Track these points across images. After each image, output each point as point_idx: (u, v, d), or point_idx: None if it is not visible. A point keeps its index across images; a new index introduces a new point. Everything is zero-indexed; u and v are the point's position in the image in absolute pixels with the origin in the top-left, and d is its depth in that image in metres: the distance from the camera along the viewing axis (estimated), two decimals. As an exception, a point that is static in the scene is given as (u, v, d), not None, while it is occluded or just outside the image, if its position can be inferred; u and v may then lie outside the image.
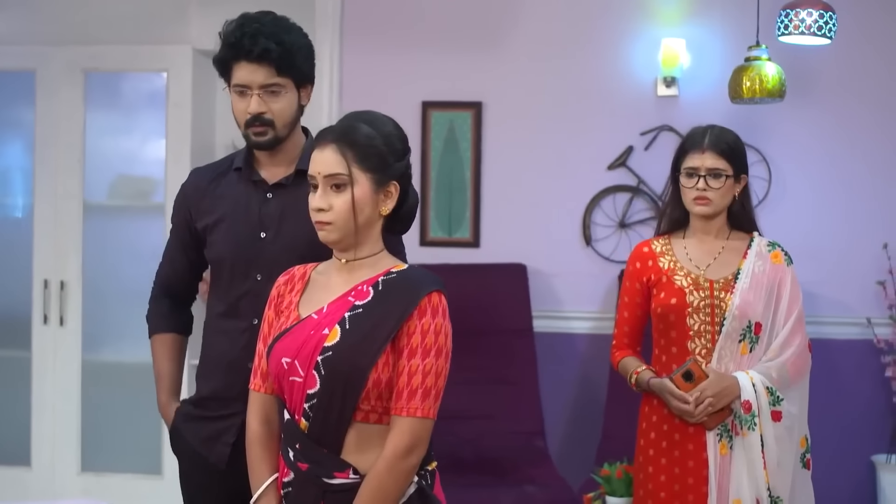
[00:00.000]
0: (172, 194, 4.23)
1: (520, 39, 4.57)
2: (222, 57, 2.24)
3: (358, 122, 1.97)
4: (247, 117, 2.24)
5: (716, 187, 2.66)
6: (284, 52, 2.22)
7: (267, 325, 2.05)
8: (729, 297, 2.62)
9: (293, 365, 1.93)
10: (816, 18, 3.40)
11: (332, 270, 2.04)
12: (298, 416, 1.95)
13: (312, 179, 1.97)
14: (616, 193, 4.53)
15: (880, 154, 4.36)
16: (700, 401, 2.56)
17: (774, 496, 2.56)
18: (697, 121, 4.38)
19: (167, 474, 4.34)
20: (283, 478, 1.99)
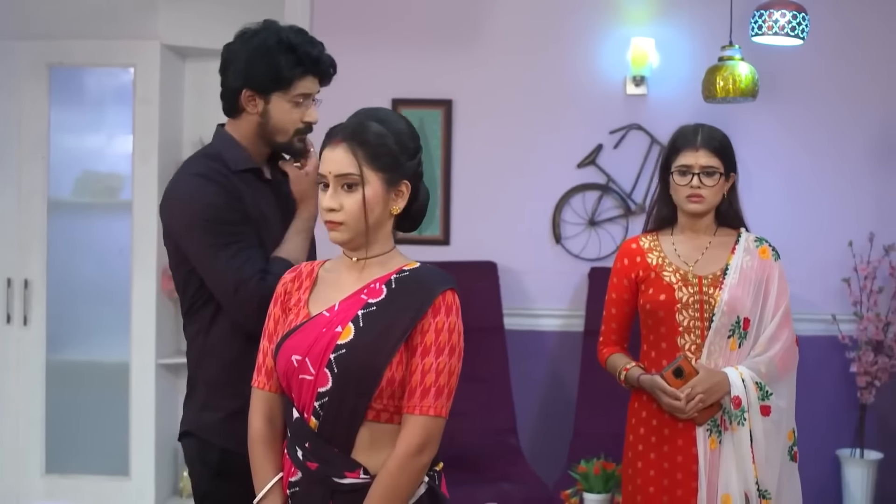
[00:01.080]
0: (140, 191, 4.26)
1: (490, 38, 4.58)
2: (291, 69, 2.28)
3: (369, 121, 1.95)
4: (299, 125, 2.32)
5: (709, 185, 2.67)
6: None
7: (273, 323, 2.02)
8: (718, 293, 2.64)
9: (304, 363, 1.91)
10: (790, 19, 3.43)
11: (341, 268, 2.02)
12: (308, 414, 1.92)
13: (323, 179, 1.94)
14: (585, 191, 4.55)
15: (847, 154, 4.43)
16: (691, 397, 2.56)
17: (763, 489, 2.58)
18: (666, 120, 4.47)
19: (134, 475, 4.29)
20: (290, 477, 1.96)
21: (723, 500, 2.57)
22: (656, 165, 4.49)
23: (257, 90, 2.28)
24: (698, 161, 2.67)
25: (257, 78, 2.27)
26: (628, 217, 4.53)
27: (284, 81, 2.28)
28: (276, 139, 2.32)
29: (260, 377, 2.02)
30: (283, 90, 2.29)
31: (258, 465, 2.00)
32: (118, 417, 4.34)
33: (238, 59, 2.29)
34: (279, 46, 2.26)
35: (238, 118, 2.34)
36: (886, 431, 4.38)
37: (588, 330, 4.41)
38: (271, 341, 2.00)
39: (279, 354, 1.95)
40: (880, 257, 4.28)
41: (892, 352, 4.23)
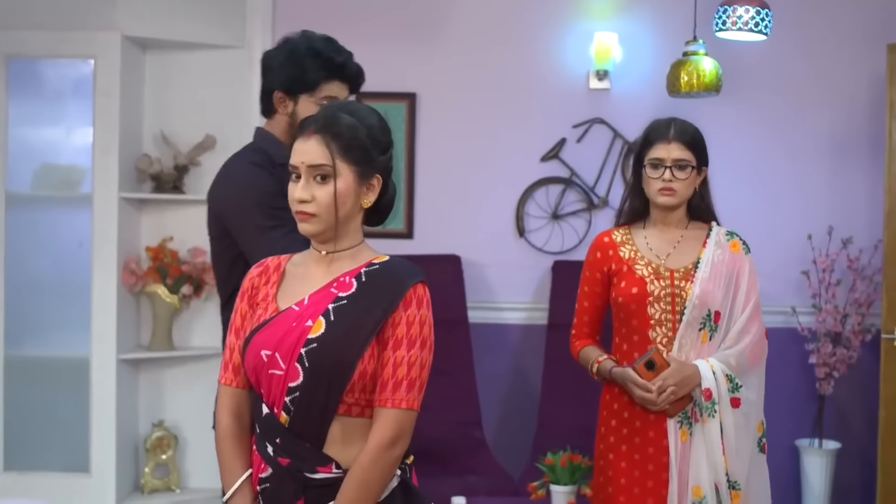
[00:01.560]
0: (100, 184, 4.21)
1: (454, 32, 4.58)
2: (316, 72, 2.52)
3: (342, 113, 1.95)
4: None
5: (681, 178, 2.69)
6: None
7: (240, 318, 2.01)
8: (689, 286, 2.66)
9: (273, 357, 1.90)
10: (753, 15, 3.47)
11: (309, 262, 2.01)
12: (278, 409, 1.91)
13: (295, 169, 1.94)
14: (549, 185, 4.57)
15: (807, 148, 4.49)
16: (662, 389, 2.58)
17: (732, 481, 2.61)
18: (629, 114, 4.51)
19: (95, 472, 4.24)
20: (260, 473, 1.95)
21: (693, 491, 2.59)
22: (619, 159, 4.54)
23: (287, 92, 2.53)
24: (671, 154, 2.69)
25: (287, 80, 2.52)
26: (591, 211, 4.56)
27: (310, 84, 2.52)
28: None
29: (227, 373, 2.01)
30: (309, 92, 2.53)
31: (227, 461, 1.99)
32: (78, 413, 4.28)
33: (273, 63, 2.56)
34: (307, 52, 2.53)
35: (272, 118, 2.59)
36: (844, 422, 4.46)
37: (552, 323, 4.44)
38: (238, 336, 2.00)
39: (248, 350, 1.94)
40: (838, 250, 4.34)
41: (850, 343, 4.30)
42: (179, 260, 4.40)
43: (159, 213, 4.52)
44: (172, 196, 4.45)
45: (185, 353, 4.48)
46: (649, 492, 2.65)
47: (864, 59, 4.40)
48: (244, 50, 4.51)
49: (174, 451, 4.45)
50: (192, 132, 4.49)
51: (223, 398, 2.02)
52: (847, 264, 4.34)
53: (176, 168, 4.45)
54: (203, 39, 4.45)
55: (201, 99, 4.52)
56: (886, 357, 4.08)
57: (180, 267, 4.37)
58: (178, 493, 4.44)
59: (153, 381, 4.53)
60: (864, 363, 4.35)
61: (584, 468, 3.43)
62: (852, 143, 4.47)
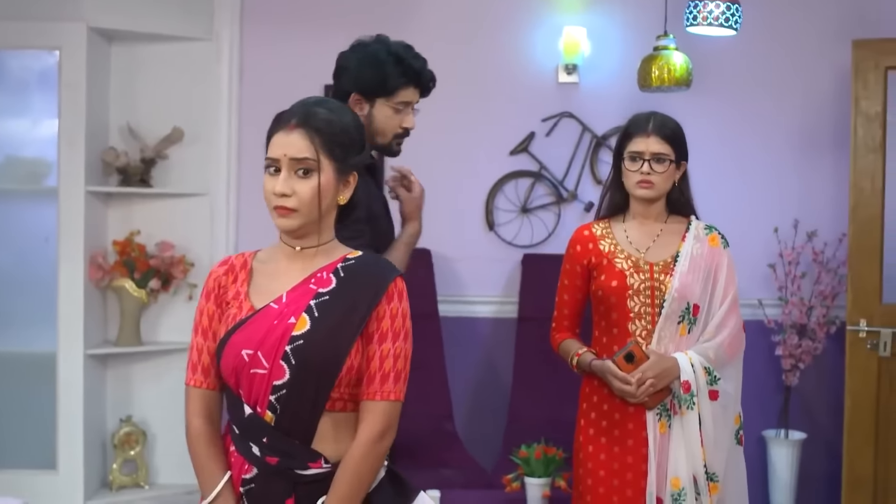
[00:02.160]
0: (66, 177, 4.16)
1: (422, 25, 4.57)
2: (396, 78, 2.58)
3: (321, 109, 1.94)
4: (398, 130, 2.65)
5: (659, 171, 2.70)
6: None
7: (206, 319, 1.98)
8: (668, 280, 2.68)
9: (255, 357, 1.88)
10: (724, 10, 3.51)
11: (279, 258, 1.99)
12: (262, 409, 1.89)
13: (275, 162, 1.92)
14: (518, 179, 4.59)
15: (773, 142, 4.54)
16: (641, 382, 2.60)
17: (710, 472, 2.63)
18: (598, 108, 4.53)
19: (62, 469, 4.19)
20: (243, 474, 1.93)
21: (672, 483, 2.62)
22: (588, 153, 4.56)
23: (364, 94, 2.60)
24: (649, 147, 2.71)
25: (366, 84, 2.58)
26: (560, 204, 4.58)
27: (389, 89, 2.59)
28: (376, 140, 2.61)
29: (196, 375, 1.98)
30: (386, 97, 2.60)
31: (204, 464, 1.96)
32: (45, 409, 4.23)
33: (350, 65, 2.62)
34: (389, 57, 2.59)
35: None
36: (810, 412, 4.51)
37: (522, 316, 4.45)
38: (206, 337, 1.98)
39: (225, 350, 1.91)
40: (803, 243, 4.40)
41: (815, 335, 4.35)
42: (147, 254, 4.36)
43: (126, 207, 4.48)
44: (139, 189, 4.40)
45: (152, 348, 4.45)
46: (628, 483, 2.67)
47: (830, 55, 4.45)
48: (212, 42, 4.48)
49: (142, 446, 4.42)
50: (160, 125, 4.44)
51: (194, 401, 1.98)
52: (812, 257, 4.39)
53: (143, 161, 4.41)
54: (170, 31, 4.41)
55: (168, 91, 4.48)
56: (851, 349, 4.14)
57: (148, 261, 4.33)
58: (147, 489, 4.41)
59: (121, 377, 4.49)
60: (829, 354, 4.41)
61: (559, 460, 3.46)
62: (817, 138, 4.52)
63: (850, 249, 4.18)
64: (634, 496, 2.65)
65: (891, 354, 4.10)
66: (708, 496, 2.63)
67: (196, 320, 2.00)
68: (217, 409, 1.99)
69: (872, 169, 4.13)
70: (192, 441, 1.97)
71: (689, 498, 2.61)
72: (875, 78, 4.11)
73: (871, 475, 4.11)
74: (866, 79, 4.12)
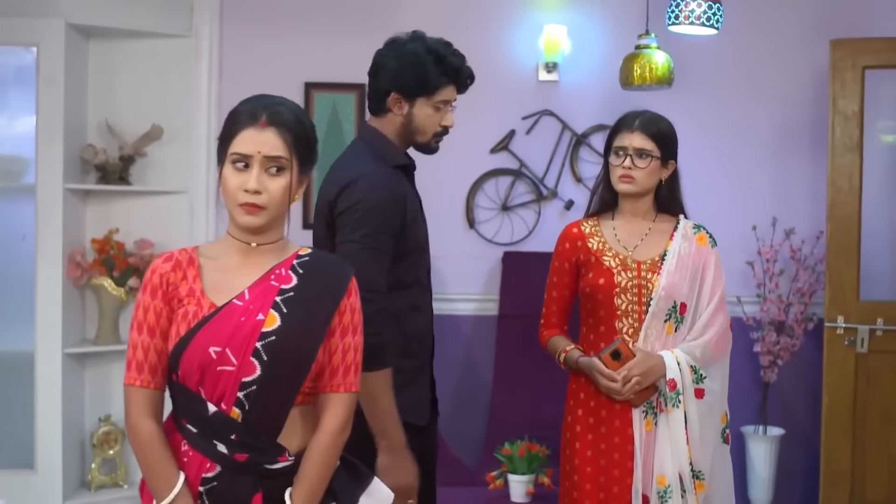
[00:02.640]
0: (44, 175, 4.13)
1: (403, 21, 4.46)
2: (437, 77, 2.55)
3: (284, 109, 1.96)
4: (437, 129, 2.62)
5: (641, 166, 2.72)
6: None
7: (154, 316, 1.92)
8: (655, 278, 2.69)
9: (223, 353, 1.88)
10: (705, 9, 3.53)
11: (230, 254, 1.99)
12: (228, 406, 1.89)
13: (245, 158, 1.92)
14: (498, 177, 4.59)
15: (752, 141, 4.57)
16: (627, 379, 2.62)
17: (696, 470, 2.65)
18: (577, 106, 4.55)
19: (40, 468, 4.15)
20: (203, 473, 1.91)
21: (658, 480, 2.63)
22: (568, 151, 4.58)
23: (404, 94, 2.55)
24: (632, 143, 2.73)
25: (406, 83, 2.54)
26: (540, 202, 4.59)
27: (430, 88, 2.55)
28: (416, 139, 2.61)
29: (142, 375, 1.92)
30: (427, 95, 2.56)
31: (161, 467, 1.90)
32: (23, 409, 4.19)
33: (389, 64, 2.56)
34: (428, 56, 2.55)
35: (383, 117, 2.61)
36: (787, 408, 4.56)
37: (502, 314, 4.46)
38: (153, 335, 1.92)
39: (189, 348, 1.89)
40: (781, 241, 4.43)
41: (793, 332, 4.39)
42: (126, 252, 4.34)
43: (105, 205, 4.44)
44: (118, 187, 4.37)
45: (132, 347, 4.41)
46: (615, 480, 2.68)
47: (808, 55, 4.49)
48: (191, 39, 4.46)
49: (121, 446, 4.39)
50: (138, 122, 4.41)
51: (140, 401, 1.92)
52: (790, 254, 4.43)
53: (122, 159, 4.38)
54: (149, 28, 4.38)
55: (147, 88, 4.45)
56: (829, 345, 4.18)
57: (127, 259, 4.30)
58: (126, 488, 4.38)
59: (99, 376, 4.45)
60: (806, 351, 4.45)
61: (542, 457, 3.47)
62: (795, 137, 4.56)
63: (827, 247, 4.22)
64: (621, 493, 2.66)
65: (868, 351, 4.15)
66: (694, 494, 2.64)
67: (138, 317, 1.93)
68: (161, 409, 1.96)
69: (850, 168, 4.17)
70: (145, 443, 1.91)
71: (675, 495, 2.62)
72: (852, 77, 4.15)
73: (848, 470, 4.16)
74: (844, 78, 4.16)
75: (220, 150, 1.98)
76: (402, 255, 2.52)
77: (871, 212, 4.28)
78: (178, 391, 1.94)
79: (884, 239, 4.53)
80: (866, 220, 4.22)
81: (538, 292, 4.44)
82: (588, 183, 4.58)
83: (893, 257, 4.62)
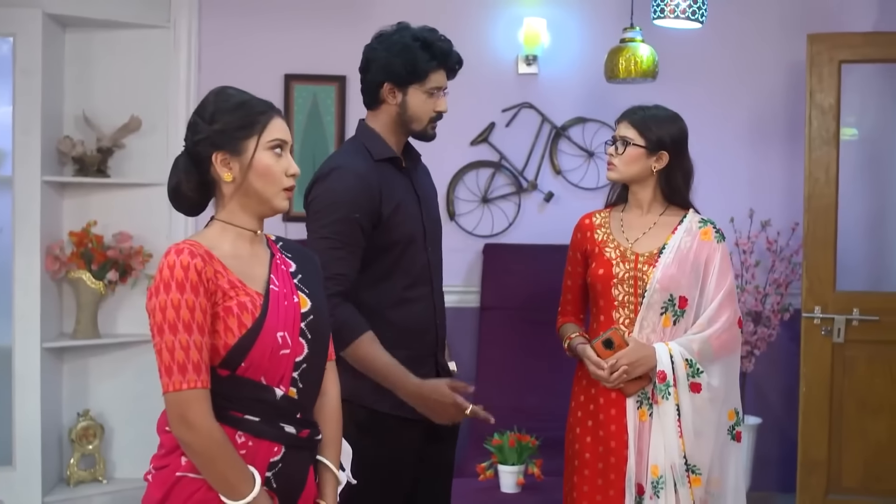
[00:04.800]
0: (21, 166, 4.07)
1: (383, 14, 4.48)
2: (426, 62, 2.59)
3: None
4: (432, 114, 2.65)
5: (620, 153, 2.76)
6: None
7: (200, 314, 1.83)
8: (651, 271, 2.71)
9: (285, 338, 1.94)
10: (690, 3, 3.56)
11: (237, 242, 1.98)
12: (286, 387, 1.95)
13: (284, 144, 1.98)
14: (479, 169, 4.60)
15: (729, 133, 4.63)
16: (615, 368, 2.64)
17: (691, 464, 2.64)
18: (557, 98, 4.57)
19: (19, 464, 4.10)
20: (270, 458, 1.92)
21: (651, 470, 2.64)
22: (547, 144, 4.60)
23: (396, 83, 2.60)
24: (619, 132, 2.79)
25: (396, 72, 2.58)
26: (520, 194, 4.61)
27: (420, 74, 2.59)
28: (412, 127, 2.65)
29: (201, 375, 1.83)
30: (418, 82, 2.60)
31: (237, 465, 1.86)
32: (1, 404, 4.15)
33: (378, 56, 2.61)
34: (415, 43, 2.59)
35: (378, 109, 2.66)
36: (765, 398, 4.62)
37: (484, 306, 4.48)
38: (203, 333, 1.84)
39: (260, 337, 1.89)
40: (758, 232, 4.48)
41: (770, 322, 4.44)
42: (104, 245, 4.29)
43: (83, 197, 4.39)
44: (96, 180, 4.32)
45: (110, 341, 4.37)
46: (611, 467, 2.70)
47: (786, 48, 4.54)
48: (169, 30, 4.42)
49: (100, 441, 4.35)
50: (116, 114, 4.36)
51: (207, 403, 1.84)
52: (766, 246, 4.48)
53: (99, 150, 4.33)
54: (127, 18, 4.34)
55: (125, 79, 4.40)
56: (806, 335, 4.24)
57: (105, 252, 4.25)
58: (105, 483, 4.34)
59: (78, 370, 4.41)
60: (783, 341, 4.51)
61: (532, 448, 3.48)
62: (772, 129, 4.62)
63: (804, 238, 4.28)
64: (617, 480, 2.68)
65: (844, 341, 4.21)
66: (688, 488, 2.63)
67: (183, 317, 1.82)
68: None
69: (827, 160, 4.23)
70: (222, 444, 1.84)
71: (668, 486, 2.62)
72: (829, 71, 4.21)
73: (825, 458, 4.23)
74: (821, 72, 4.22)
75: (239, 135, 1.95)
76: (384, 246, 2.57)
77: (846, 203, 4.34)
78: (235, 385, 1.90)
79: (859, 230, 4.60)
80: (842, 211, 4.28)
81: (519, 284, 4.51)
82: (567, 175, 4.61)
83: (868, 249, 4.71)
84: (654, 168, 2.78)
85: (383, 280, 2.58)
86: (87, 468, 4.34)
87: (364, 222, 2.51)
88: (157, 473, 1.93)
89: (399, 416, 2.56)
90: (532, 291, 4.39)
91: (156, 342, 1.85)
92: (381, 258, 2.57)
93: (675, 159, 2.79)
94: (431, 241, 2.71)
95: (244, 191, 1.96)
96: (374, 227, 2.54)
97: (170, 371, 1.83)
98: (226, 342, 1.88)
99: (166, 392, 1.84)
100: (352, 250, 2.51)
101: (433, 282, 2.71)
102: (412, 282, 2.63)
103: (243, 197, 1.97)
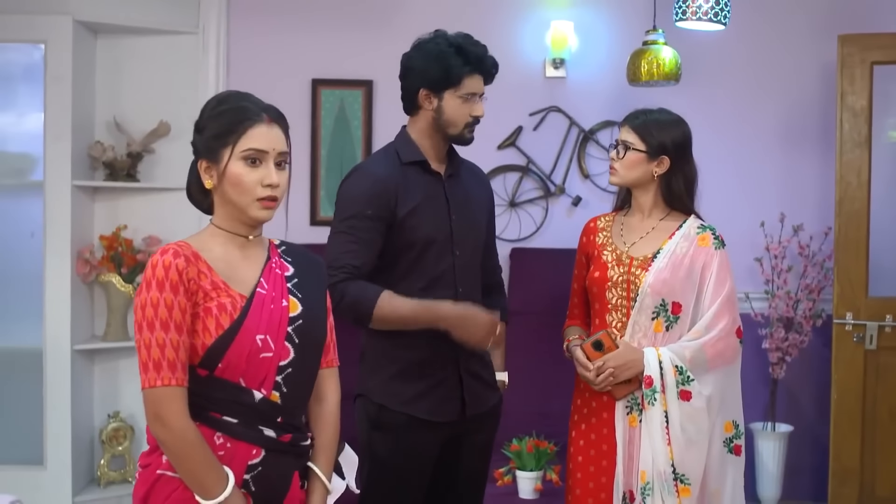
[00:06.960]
0: (52, 172, 4.14)
1: (410, 18, 4.56)
2: (460, 67, 2.62)
3: (270, 105, 2.03)
4: (468, 119, 2.69)
5: (621, 157, 2.74)
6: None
7: (179, 313, 1.85)
8: (643, 275, 2.68)
9: (266, 340, 1.94)
10: (713, 5, 3.52)
11: (227, 246, 2.00)
12: (268, 391, 1.96)
13: (260, 154, 1.96)
14: (506, 173, 4.59)
15: (760, 136, 4.57)
16: (602, 370, 2.62)
17: (679, 473, 2.58)
18: (584, 102, 4.54)
19: (50, 465, 4.17)
20: (249, 461, 1.94)
21: (641, 475, 2.61)
22: (575, 147, 4.57)
23: (432, 89, 2.66)
24: (620, 136, 2.78)
25: (432, 77, 2.64)
26: (548, 198, 4.59)
27: (454, 79, 2.63)
28: (448, 131, 2.69)
29: (176, 373, 1.84)
30: (453, 87, 2.65)
31: (210, 464, 1.87)
32: (32, 406, 4.21)
33: (415, 63, 2.68)
34: (450, 48, 2.64)
35: (416, 115, 2.73)
36: (796, 405, 4.55)
37: (510, 310, 4.42)
38: (181, 332, 1.85)
39: (237, 339, 1.91)
40: (790, 237, 4.42)
41: (802, 328, 4.38)
42: (134, 249, 4.35)
43: (113, 202, 4.46)
44: (126, 184, 4.38)
45: (140, 344, 4.42)
46: (603, 471, 2.68)
47: (817, 50, 4.48)
48: (198, 35, 4.47)
49: (130, 442, 4.40)
50: (146, 119, 4.42)
51: (181, 401, 1.85)
52: (798, 251, 4.42)
53: (129, 155, 4.39)
54: (156, 24, 4.39)
55: (155, 85, 4.46)
56: (838, 342, 4.17)
57: (135, 256, 4.31)
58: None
59: (108, 372, 4.47)
60: (815, 347, 4.44)
61: (550, 454, 3.46)
62: (803, 132, 4.55)
63: (836, 243, 4.21)
64: (608, 484, 2.67)
65: (877, 347, 4.14)
66: (676, 497, 2.57)
67: (161, 316, 1.84)
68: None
69: (858, 163, 4.15)
70: (195, 443, 1.86)
71: (656, 494, 2.58)
72: (861, 73, 4.14)
73: (857, 467, 4.15)
74: (852, 74, 4.15)
75: (216, 145, 1.97)
76: (401, 247, 2.63)
77: (879, 208, 4.26)
78: (213, 386, 1.92)
79: (891, 235, 4.51)
80: (874, 216, 4.20)
81: (546, 288, 4.47)
82: (595, 179, 4.58)
83: (902, 253, 4.62)
84: (656, 173, 2.74)
85: (402, 280, 2.63)
86: (117, 469, 4.40)
87: (378, 220, 2.59)
88: (142, 471, 1.97)
89: (408, 415, 2.61)
90: (559, 296, 4.33)
91: (136, 339, 1.89)
92: (399, 258, 2.64)
93: (677, 164, 2.75)
94: (460, 245, 2.70)
95: (224, 199, 1.99)
96: (389, 227, 2.60)
97: (146, 368, 1.87)
98: (203, 342, 1.90)
99: (143, 388, 1.88)
100: (365, 244, 2.58)
101: (458, 285, 2.69)
102: (431, 283, 2.65)
103: (226, 204, 2.00)
